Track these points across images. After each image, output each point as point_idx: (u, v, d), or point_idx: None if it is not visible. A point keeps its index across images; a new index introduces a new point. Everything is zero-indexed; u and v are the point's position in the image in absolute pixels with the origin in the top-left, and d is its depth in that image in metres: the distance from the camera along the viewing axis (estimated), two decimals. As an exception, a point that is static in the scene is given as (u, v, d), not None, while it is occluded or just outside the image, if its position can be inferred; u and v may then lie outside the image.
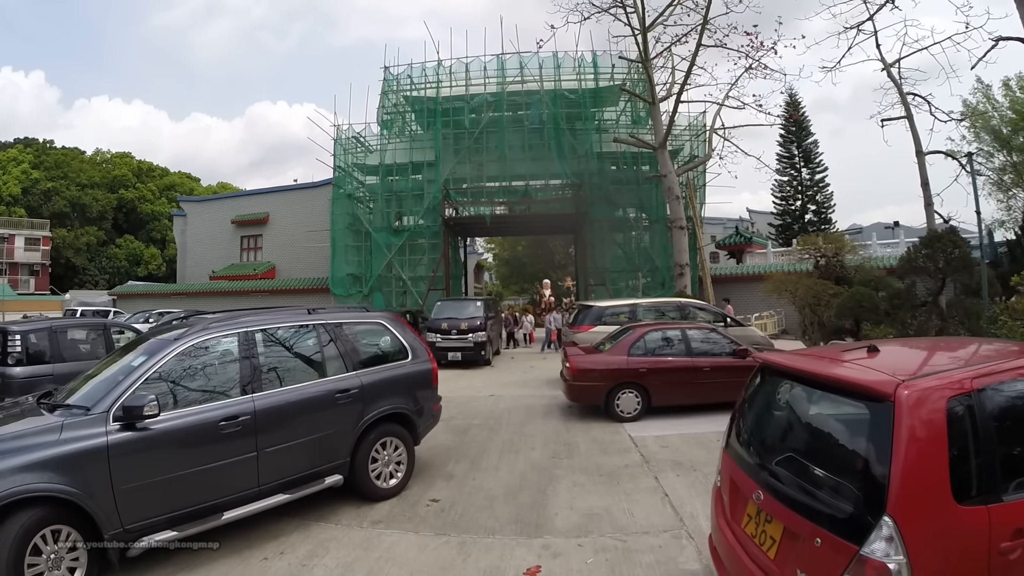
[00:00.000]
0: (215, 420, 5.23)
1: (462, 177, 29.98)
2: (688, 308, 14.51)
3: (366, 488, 6.47)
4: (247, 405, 5.47)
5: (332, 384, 6.25)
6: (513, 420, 10.36)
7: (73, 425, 4.59)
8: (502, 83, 29.58)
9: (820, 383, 3.21)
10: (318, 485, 6.00)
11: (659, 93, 24.38)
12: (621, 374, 10.19)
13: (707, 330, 11.24)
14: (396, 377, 6.97)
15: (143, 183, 69.40)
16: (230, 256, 40.50)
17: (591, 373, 10.29)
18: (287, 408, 5.78)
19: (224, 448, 5.26)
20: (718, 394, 10.40)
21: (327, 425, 6.11)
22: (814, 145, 48.22)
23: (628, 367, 10.19)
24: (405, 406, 6.92)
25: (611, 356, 10.44)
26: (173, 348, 5.32)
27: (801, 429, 3.45)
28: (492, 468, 7.65)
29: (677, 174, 24.47)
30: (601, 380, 10.19)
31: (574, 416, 10.72)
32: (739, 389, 10.11)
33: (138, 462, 4.74)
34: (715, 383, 10.37)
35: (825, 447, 3.14)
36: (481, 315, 18.77)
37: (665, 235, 28.10)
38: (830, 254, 14.41)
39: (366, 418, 6.44)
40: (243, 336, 5.84)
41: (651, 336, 10.69)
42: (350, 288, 30.14)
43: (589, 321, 14.68)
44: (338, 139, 30.68)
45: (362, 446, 6.41)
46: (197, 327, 5.70)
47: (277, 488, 5.67)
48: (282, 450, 5.67)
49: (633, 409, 10.16)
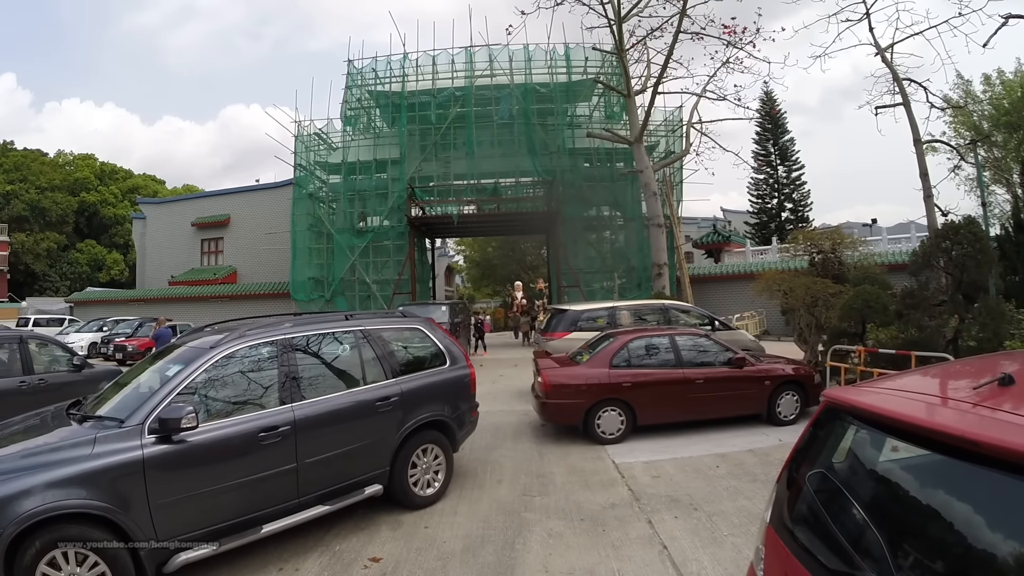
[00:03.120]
0: (254, 431, 5.00)
1: (429, 175, 28.66)
2: (671, 311, 13.24)
3: (406, 496, 6.27)
4: (287, 415, 5.24)
5: (372, 392, 6.06)
6: (478, 443, 8.95)
7: (107, 438, 4.37)
8: (470, 77, 28.32)
9: (955, 447, 1.89)
10: (358, 495, 5.80)
11: (634, 86, 23.33)
12: (602, 390, 8.83)
13: (698, 336, 9.94)
14: (436, 384, 6.80)
15: (106, 186, 66.98)
16: (190, 260, 39.03)
17: (567, 389, 8.90)
18: (327, 418, 5.54)
19: (263, 460, 5.03)
20: (712, 410, 9.30)
21: (368, 434, 5.91)
22: (790, 143, 47.88)
23: (610, 381, 8.85)
24: (445, 413, 6.75)
25: (590, 369, 9.04)
26: (210, 356, 5.09)
27: (928, 520, 2.01)
28: (450, 511, 6.28)
29: (654, 169, 23.37)
30: (579, 397, 8.80)
31: (548, 437, 9.38)
32: (736, 403, 8.92)
33: (175, 476, 4.53)
34: (709, 397, 9.18)
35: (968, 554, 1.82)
36: (447, 320, 17.45)
37: (641, 234, 27.26)
38: (827, 249, 13.16)
39: (407, 426, 6.25)
40: (281, 344, 5.62)
41: (635, 344, 9.36)
42: (312, 293, 28.63)
43: (563, 327, 13.13)
44: (299, 136, 29.27)
45: (402, 454, 6.23)
46: (235, 334, 5.44)
47: (316, 500, 5.44)
48: (322, 461, 5.44)
49: (616, 429, 8.85)
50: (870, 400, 2.41)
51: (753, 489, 6.61)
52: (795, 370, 9.92)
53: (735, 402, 9.43)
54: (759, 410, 9.58)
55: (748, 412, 9.61)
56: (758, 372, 9.52)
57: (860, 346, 10.73)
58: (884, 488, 2.32)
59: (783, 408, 9.63)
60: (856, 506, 2.22)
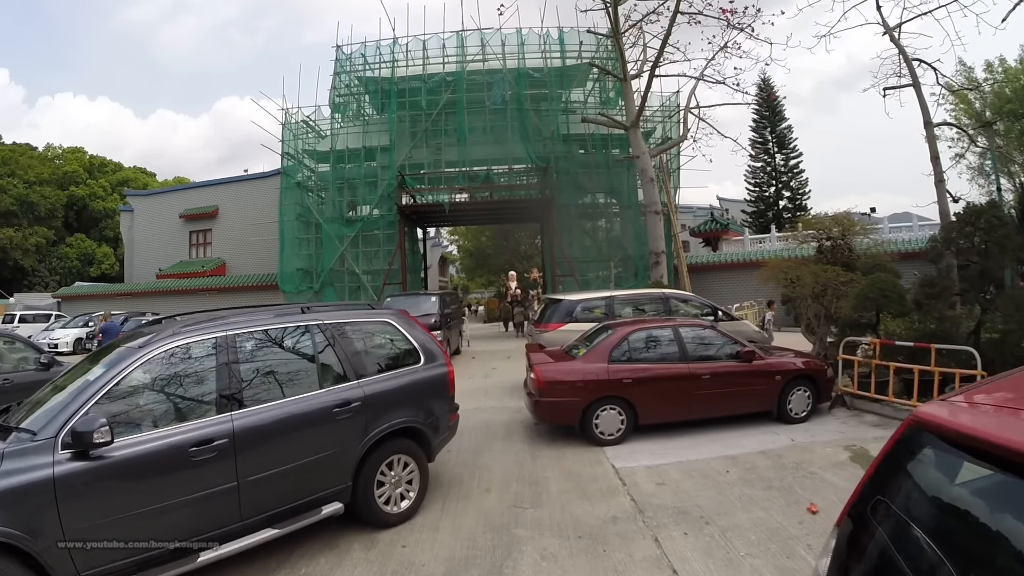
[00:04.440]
0: (184, 445, 4.31)
1: (419, 163, 27.85)
2: (672, 300, 12.48)
3: (373, 514, 5.54)
4: (224, 426, 4.54)
5: (329, 396, 5.29)
6: (466, 444, 8.29)
7: (15, 454, 3.76)
8: (462, 61, 27.56)
9: None
10: (314, 516, 5.05)
11: (630, 71, 22.59)
12: (600, 386, 8.13)
13: (703, 328, 9.25)
14: (406, 385, 6.01)
15: (95, 179, 66.00)
16: (179, 252, 38.36)
17: (562, 386, 8.20)
18: (274, 427, 4.84)
19: (197, 479, 4.35)
20: (719, 407, 8.65)
21: (324, 445, 5.15)
22: (788, 130, 47.16)
23: (609, 378, 8.16)
24: (417, 418, 5.98)
25: (587, 364, 8.35)
26: (137, 358, 4.41)
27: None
28: (431, 525, 5.61)
29: (651, 155, 22.65)
30: (575, 395, 8.10)
31: (542, 438, 8.70)
32: (744, 400, 8.23)
33: (92, 498, 3.90)
34: (716, 394, 8.52)
35: None
36: (437, 311, 16.73)
37: (638, 221, 26.62)
38: (837, 236, 12.46)
39: (371, 435, 5.49)
40: (222, 341, 4.89)
41: (636, 337, 8.66)
42: (300, 284, 27.88)
43: (558, 318, 12.19)
44: (287, 124, 28.45)
45: (366, 467, 5.49)
46: (166, 331, 4.77)
47: (264, 522, 4.74)
48: (268, 478, 4.73)
49: (616, 430, 8.17)
50: (990, 426, 1.68)
51: (769, 498, 5.97)
52: (806, 364, 9.27)
53: (743, 399, 8.78)
54: (768, 407, 8.94)
55: (757, 409, 8.97)
56: (768, 366, 8.87)
57: (874, 337, 10.05)
58: (1005, 544, 1.56)
59: (794, 405, 8.99)
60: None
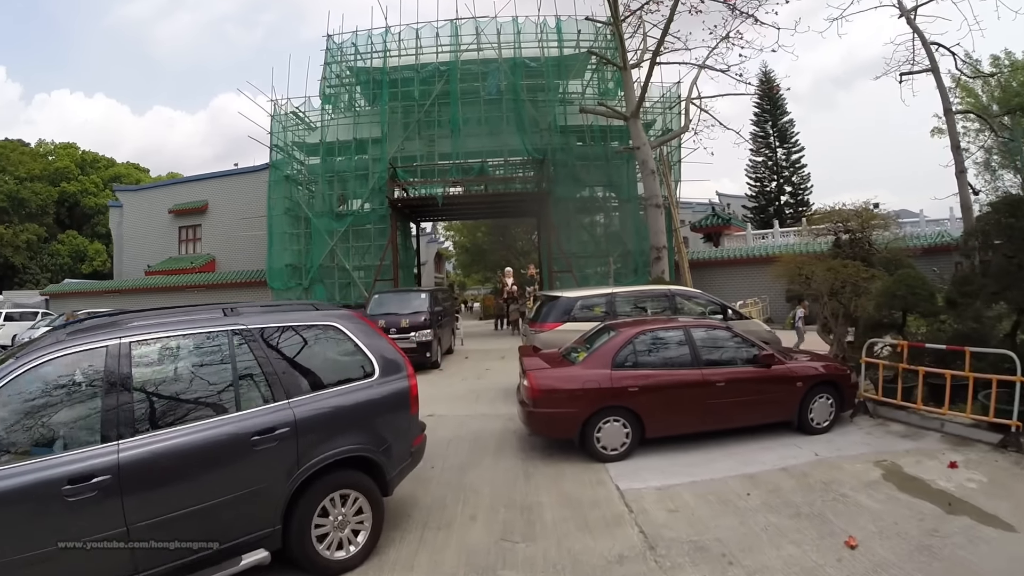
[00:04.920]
0: (55, 482, 3.47)
1: (412, 155, 26.87)
2: (678, 298, 11.54)
3: (311, 562, 4.52)
4: (108, 458, 3.66)
5: (248, 421, 4.28)
6: (452, 460, 7.45)
7: None
8: (456, 51, 26.56)
9: None
10: (231, 567, 4.02)
11: (630, 60, 21.72)
12: (603, 396, 7.29)
13: (717, 329, 8.40)
14: (355, 404, 4.90)
15: (87, 175, 65.33)
16: (168, 249, 37.42)
17: (560, 395, 7.33)
18: (172, 460, 3.89)
19: (73, 523, 3.50)
20: (735, 417, 7.81)
21: (240, 481, 4.19)
22: (789, 124, 46.43)
23: (613, 386, 7.29)
24: (367, 445, 4.88)
25: (588, 370, 7.49)
26: (6, 373, 3.63)
27: None
28: (405, 563, 4.76)
29: (652, 146, 21.79)
30: (574, 405, 7.23)
31: (537, 452, 7.83)
32: (763, 409, 7.33)
33: None
34: (732, 403, 7.68)
35: None
36: (426, 309, 15.77)
37: (637, 216, 25.77)
38: (855, 229, 11.61)
39: (305, 467, 4.46)
40: (114, 351, 3.97)
41: (643, 339, 7.80)
42: (289, 280, 26.97)
43: (555, 317, 11.27)
44: (275, 115, 27.41)
45: (301, 506, 4.46)
46: (45, 341, 4.03)
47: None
48: (167, 522, 3.81)
49: (620, 444, 7.29)
50: None
51: (799, 529, 5.14)
52: (829, 368, 8.45)
53: (762, 408, 7.95)
54: (788, 417, 8.10)
55: (776, 420, 8.14)
56: (788, 372, 8.03)
57: (901, 339, 9.21)
58: None
59: (816, 414, 8.16)
60: None
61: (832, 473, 6.64)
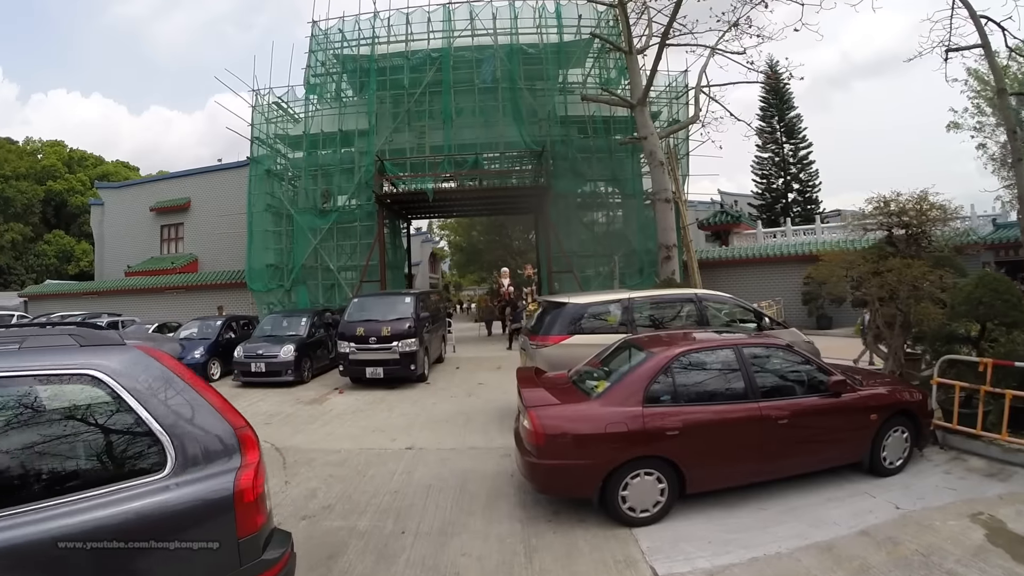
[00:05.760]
0: None
1: (401, 147, 25.09)
2: (706, 303, 9.58)
3: None
4: None
5: None
6: (430, 520, 5.71)
7: None
8: (449, 37, 24.96)
9: None
10: None
11: (636, 45, 20.09)
12: (633, 442, 5.50)
13: (774, 347, 6.60)
14: (119, 526, 2.63)
15: (74, 173, 63.87)
16: (150, 248, 35.99)
17: (574, 443, 5.53)
18: None
19: None
20: (797, 462, 6.13)
21: None
22: (797, 119, 44.67)
23: (646, 427, 5.48)
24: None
25: (611, 407, 5.65)
26: None
27: None
28: None
29: (660, 136, 20.11)
30: (593, 455, 5.46)
31: (541, 508, 6.02)
32: (830, 450, 5.70)
33: None
34: (795, 445, 5.98)
35: None
36: (411, 315, 13.93)
37: (642, 212, 24.29)
38: (913, 222, 9.85)
39: None
40: None
41: (684, 363, 6.03)
42: (270, 282, 25.27)
43: (560, 328, 9.19)
44: (257, 106, 25.78)
45: None
46: None
47: None
48: None
49: (653, 503, 5.53)
50: None
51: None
52: (903, 394, 6.75)
53: (829, 449, 6.26)
54: (859, 456, 6.43)
55: (844, 462, 6.48)
56: (862, 401, 6.32)
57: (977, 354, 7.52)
58: None
59: (889, 451, 6.50)
60: None
61: (926, 537, 5.01)
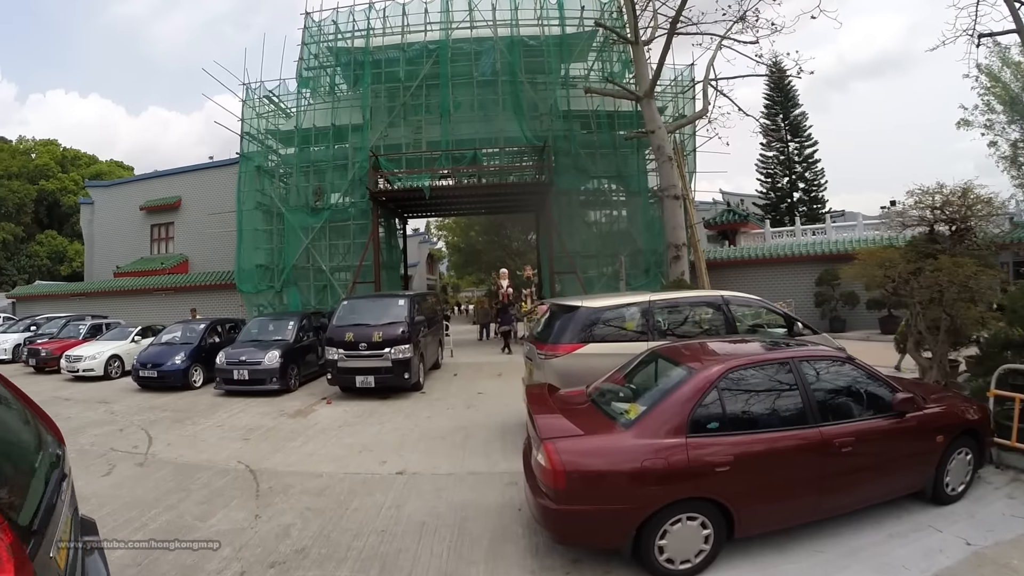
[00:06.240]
0: None
1: (396, 143, 24.10)
2: (735, 306, 8.45)
3: None
4: None
5: None
6: (423, 572, 4.75)
7: None
8: (447, 28, 23.96)
9: None
10: None
11: (642, 36, 19.20)
12: (674, 481, 4.46)
13: (831, 358, 5.53)
14: None
15: (67, 172, 62.91)
16: (139, 248, 35.16)
17: (601, 485, 4.48)
18: None
19: None
20: (858, 495, 5.16)
21: None
22: (802, 117, 43.72)
23: (690, 463, 4.45)
24: None
25: (646, 438, 4.56)
26: None
27: None
28: None
29: (668, 130, 19.18)
30: (626, 499, 4.42)
31: (556, 557, 4.95)
32: (893, 479, 5.41)
33: None
34: (857, 474, 4.99)
35: None
36: (405, 318, 12.92)
37: (648, 210, 23.44)
38: (958, 217, 8.88)
39: None
40: None
41: (734, 380, 4.96)
42: (260, 283, 24.32)
43: (572, 335, 8.00)
44: (247, 99, 24.86)
45: None
46: None
47: None
48: None
49: (696, 552, 4.53)
50: None
51: None
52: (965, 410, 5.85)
53: (892, 477, 5.27)
54: (922, 484, 5.49)
55: (907, 492, 5.54)
56: (929, 420, 5.37)
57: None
58: None
59: (952, 476, 5.59)
60: None
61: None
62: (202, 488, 7.10)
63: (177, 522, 6.04)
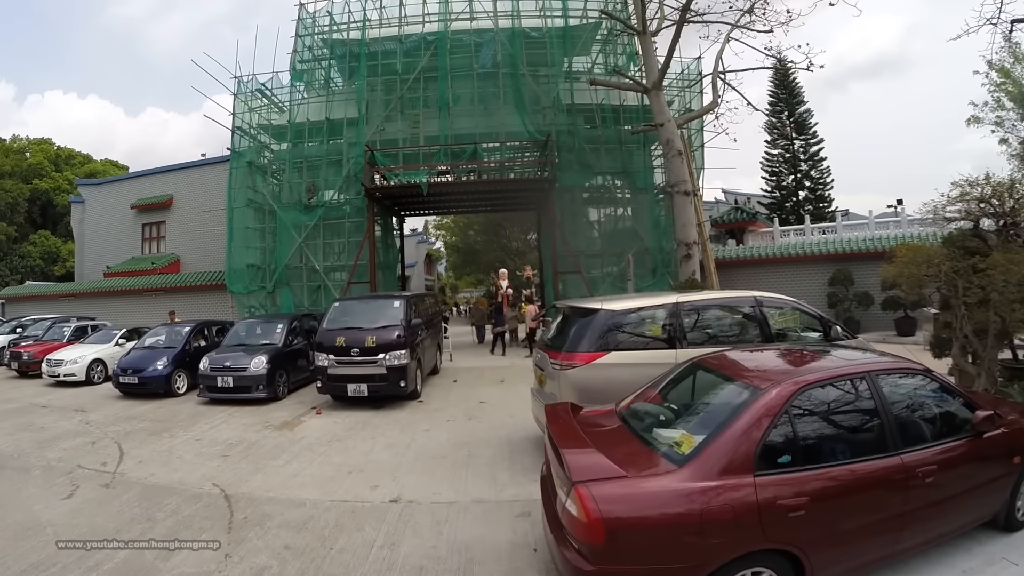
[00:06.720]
0: None
1: (393, 138, 23.25)
2: (767, 308, 7.51)
3: None
4: None
5: None
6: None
7: None
8: (445, 19, 23.13)
9: None
10: None
11: (650, 27, 18.41)
12: (741, 531, 3.56)
13: (906, 371, 4.63)
14: None
15: (60, 172, 62.27)
16: (130, 248, 34.38)
17: (651, 541, 3.54)
18: None
19: None
20: (941, 528, 4.37)
21: None
22: (807, 114, 42.86)
23: (760, 508, 3.56)
24: None
25: (704, 480, 3.63)
26: None
27: None
28: None
29: (677, 124, 18.34)
30: (681, 558, 3.53)
31: None
32: (967, 508, 4.54)
33: None
34: (936, 504, 4.18)
35: None
36: (401, 321, 11.99)
37: (654, 208, 22.58)
38: (1006, 210, 8.01)
39: None
40: None
41: (807, 400, 4.11)
42: (251, 283, 23.45)
43: (591, 342, 6.89)
44: (239, 93, 24.04)
45: None
46: None
47: None
48: None
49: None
50: None
51: None
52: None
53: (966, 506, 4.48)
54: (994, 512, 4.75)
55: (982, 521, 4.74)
56: (1005, 440, 4.61)
57: None
58: None
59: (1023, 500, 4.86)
60: None
61: None
62: (169, 517, 6.23)
63: (135, 561, 5.19)
